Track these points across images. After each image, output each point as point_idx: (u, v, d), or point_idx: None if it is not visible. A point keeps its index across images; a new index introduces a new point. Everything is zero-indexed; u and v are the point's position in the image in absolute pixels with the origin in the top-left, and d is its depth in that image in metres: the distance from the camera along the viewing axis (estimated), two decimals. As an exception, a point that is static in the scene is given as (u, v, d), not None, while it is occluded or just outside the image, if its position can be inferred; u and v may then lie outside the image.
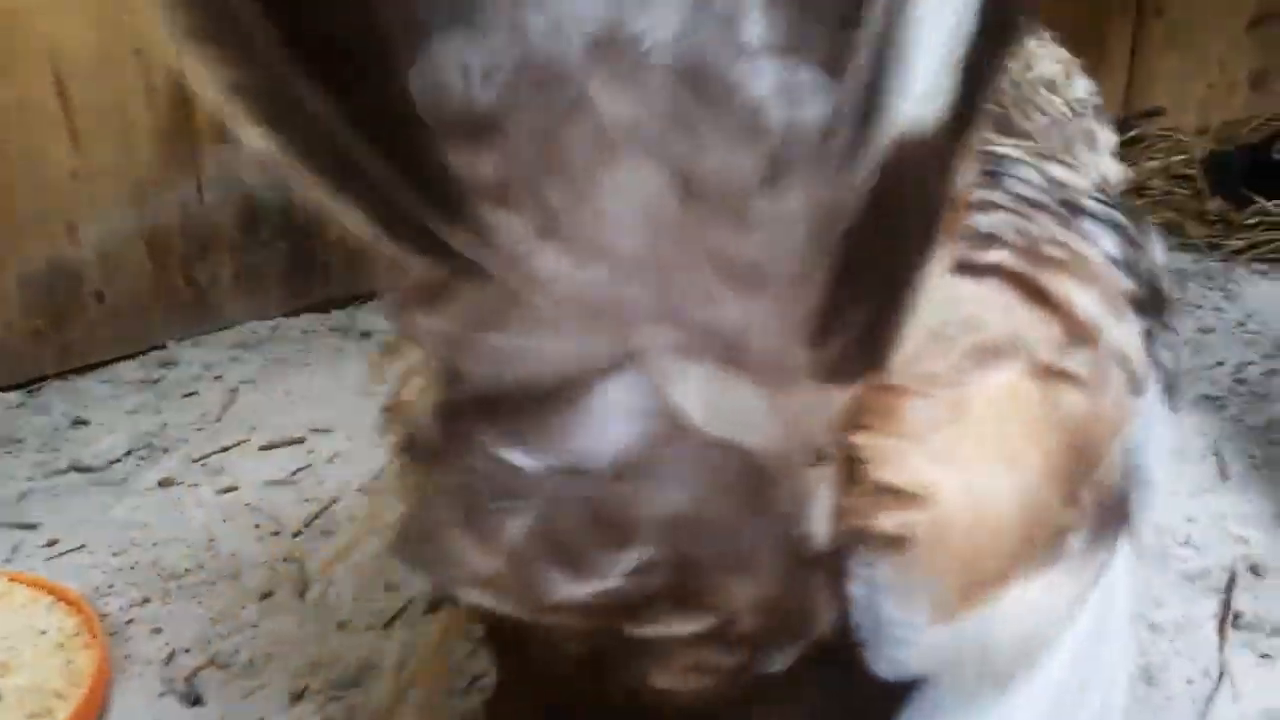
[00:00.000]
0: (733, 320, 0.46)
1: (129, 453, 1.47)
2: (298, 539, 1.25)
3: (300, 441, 1.51)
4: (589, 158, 0.45)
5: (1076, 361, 0.60)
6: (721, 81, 0.44)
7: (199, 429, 1.55)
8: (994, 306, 0.59)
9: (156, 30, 0.44)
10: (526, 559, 0.48)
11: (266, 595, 1.14)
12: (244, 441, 1.51)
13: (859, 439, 0.52)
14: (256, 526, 1.28)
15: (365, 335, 1.94)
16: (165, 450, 1.48)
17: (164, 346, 1.84)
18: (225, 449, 1.48)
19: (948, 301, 0.55)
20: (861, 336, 0.46)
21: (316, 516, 1.30)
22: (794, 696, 0.56)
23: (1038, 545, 0.57)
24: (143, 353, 1.83)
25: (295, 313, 2.02)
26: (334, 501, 1.33)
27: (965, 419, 0.55)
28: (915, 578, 0.52)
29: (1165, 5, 2.72)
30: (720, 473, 0.48)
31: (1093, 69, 1.16)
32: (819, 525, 0.51)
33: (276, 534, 1.26)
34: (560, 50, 0.44)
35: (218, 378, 1.74)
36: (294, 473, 1.42)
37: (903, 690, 0.55)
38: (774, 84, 0.44)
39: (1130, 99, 2.74)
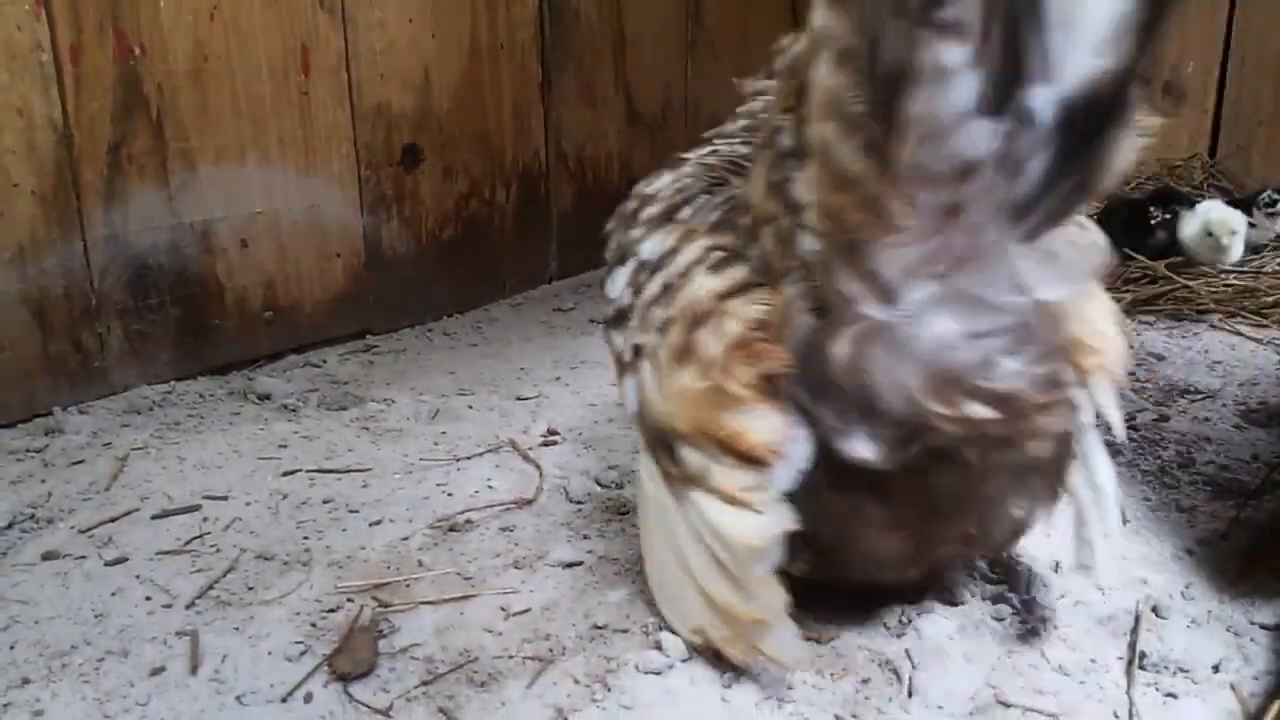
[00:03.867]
0: None
1: (11, 525, 1.40)
2: (191, 610, 1.20)
3: (195, 509, 1.45)
4: None
5: None
6: None
7: (87, 499, 1.49)
8: None
9: (40, 90, 0.42)
10: None
11: (158, 671, 1.09)
12: (134, 511, 1.45)
13: None
14: (147, 599, 1.22)
15: (264, 398, 1.89)
16: (50, 521, 1.42)
17: (50, 413, 1.78)
18: (114, 519, 1.42)
19: None
20: None
21: (211, 586, 1.24)
22: None
23: None
24: (26, 420, 1.76)
25: (190, 376, 1.97)
26: (230, 570, 1.28)
27: None
28: None
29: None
30: None
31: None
32: None
33: (169, 606, 1.21)
34: None
35: (107, 445, 1.68)
36: (188, 542, 1.36)
37: None
38: None
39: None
